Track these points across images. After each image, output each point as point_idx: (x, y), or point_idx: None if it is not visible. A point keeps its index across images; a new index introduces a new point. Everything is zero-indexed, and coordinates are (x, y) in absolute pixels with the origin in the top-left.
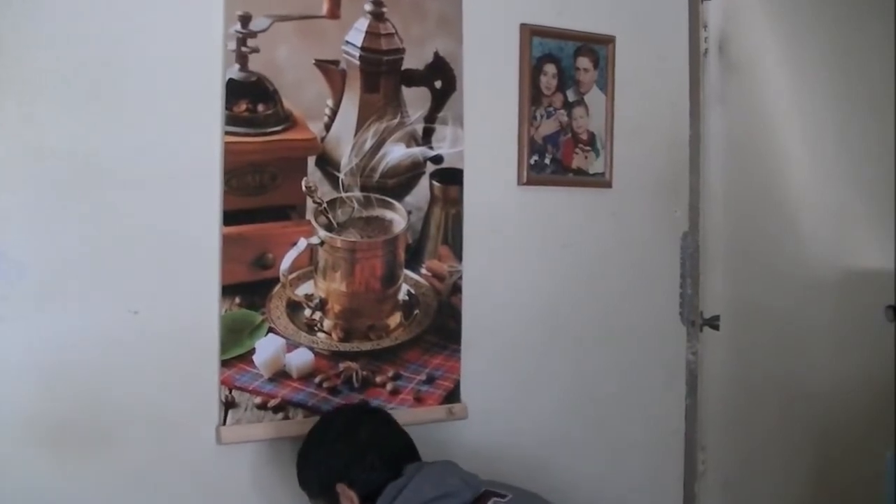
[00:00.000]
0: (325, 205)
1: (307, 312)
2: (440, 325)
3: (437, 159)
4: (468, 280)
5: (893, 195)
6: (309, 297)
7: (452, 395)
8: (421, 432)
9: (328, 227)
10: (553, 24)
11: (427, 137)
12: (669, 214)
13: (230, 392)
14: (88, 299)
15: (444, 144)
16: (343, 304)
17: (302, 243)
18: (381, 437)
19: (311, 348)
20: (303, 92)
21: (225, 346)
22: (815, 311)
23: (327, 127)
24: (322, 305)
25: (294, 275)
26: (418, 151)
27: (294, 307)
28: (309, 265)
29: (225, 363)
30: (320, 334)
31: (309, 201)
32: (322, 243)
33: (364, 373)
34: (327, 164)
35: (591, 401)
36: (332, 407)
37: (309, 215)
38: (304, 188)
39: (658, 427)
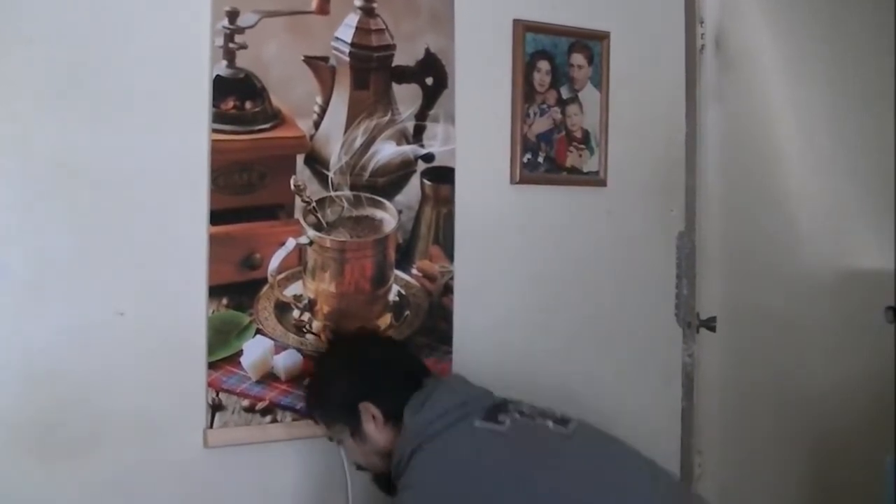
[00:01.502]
0: (314, 204)
1: (295, 313)
2: (431, 326)
3: (428, 157)
4: (460, 280)
5: (893, 194)
6: (297, 297)
7: None
8: None
9: (317, 227)
10: (546, 20)
11: (418, 135)
12: (665, 213)
13: (217, 394)
14: (73, 300)
15: (435, 142)
16: (332, 305)
17: (290, 243)
18: (394, 354)
19: (299, 350)
20: (291, 89)
21: (212, 347)
22: (814, 312)
23: (316, 125)
24: (311, 306)
25: (282, 275)
26: (409, 149)
27: (282, 308)
28: (297, 265)
29: (212, 365)
30: (309, 336)
31: (298, 200)
32: (311, 243)
33: None
34: (316, 163)
35: (584, 403)
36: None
37: (298, 214)
38: (292, 187)
39: (653, 430)
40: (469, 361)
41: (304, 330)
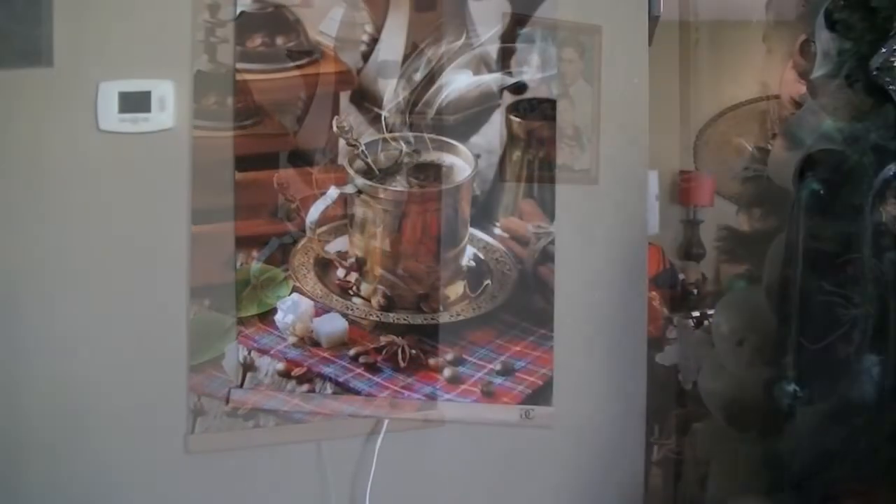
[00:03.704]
0: (362, 147)
1: (340, 273)
2: (523, 302)
3: (519, 87)
4: (563, 246)
5: None
6: (342, 255)
7: (540, 395)
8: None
9: (367, 174)
10: (537, 14)
11: (505, 61)
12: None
13: (199, 399)
14: (51, 302)
15: (527, 69)
16: (387, 266)
17: (333, 192)
18: None
19: (344, 315)
20: (332, 18)
21: (194, 350)
22: None
23: (365, 56)
24: (359, 266)
25: (323, 229)
26: (491, 79)
27: (324, 266)
28: (342, 218)
29: (194, 368)
30: (356, 300)
31: (342, 144)
32: (359, 192)
33: (413, 351)
34: (365, 100)
35: None
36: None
37: (342, 160)
38: (335, 128)
39: None
40: (574, 351)
41: (351, 292)
